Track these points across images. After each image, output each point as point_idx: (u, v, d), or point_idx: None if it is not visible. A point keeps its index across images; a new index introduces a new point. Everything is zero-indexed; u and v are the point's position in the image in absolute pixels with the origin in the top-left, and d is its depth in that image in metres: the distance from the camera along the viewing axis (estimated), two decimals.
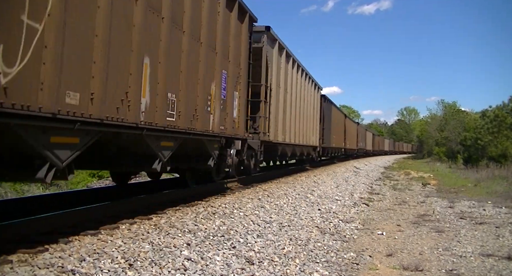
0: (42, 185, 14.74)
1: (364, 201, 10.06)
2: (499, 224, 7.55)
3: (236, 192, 8.67)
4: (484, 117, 29.16)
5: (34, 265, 3.19)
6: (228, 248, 4.42)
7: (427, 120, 60.37)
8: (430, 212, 8.94)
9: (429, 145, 51.32)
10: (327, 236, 5.93)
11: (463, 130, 34.33)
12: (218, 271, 3.69)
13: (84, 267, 3.24)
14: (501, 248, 5.80)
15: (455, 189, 14.25)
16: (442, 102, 55.51)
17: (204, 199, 7.31)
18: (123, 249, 3.78)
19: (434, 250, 5.61)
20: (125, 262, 3.46)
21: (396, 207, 9.64)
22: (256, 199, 7.74)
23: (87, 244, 3.88)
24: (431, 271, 4.68)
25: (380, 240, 6.19)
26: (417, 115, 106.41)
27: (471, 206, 9.85)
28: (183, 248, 4.09)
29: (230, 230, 5.14)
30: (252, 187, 9.77)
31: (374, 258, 5.13)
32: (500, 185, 14.05)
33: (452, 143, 36.81)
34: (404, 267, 4.72)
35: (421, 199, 11.20)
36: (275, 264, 4.18)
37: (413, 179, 18.77)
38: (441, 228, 7.12)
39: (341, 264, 4.71)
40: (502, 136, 25.84)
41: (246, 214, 6.24)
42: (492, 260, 5.16)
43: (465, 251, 5.58)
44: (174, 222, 5.14)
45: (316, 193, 9.99)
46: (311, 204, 8.30)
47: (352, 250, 5.41)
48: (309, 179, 13.31)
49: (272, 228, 5.73)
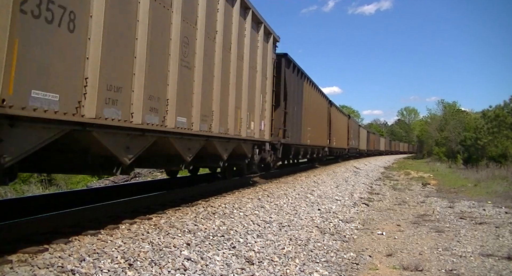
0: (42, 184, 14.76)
1: (364, 201, 10.06)
2: (499, 224, 7.56)
3: (236, 192, 8.68)
4: (484, 117, 29.16)
5: (34, 265, 3.19)
6: (228, 248, 4.42)
7: (427, 121, 60.36)
8: (430, 212, 8.94)
9: (429, 145, 51.33)
10: (327, 236, 5.93)
11: (463, 130, 34.35)
12: (218, 271, 3.69)
13: (84, 267, 3.24)
14: (501, 248, 5.80)
15: (455, 189, 14.25)
16: (442, 102, 55.57)
17: (204, 199, 7.31)
18: (123, 249, 3.78)
19: (434, 250, 5.61)
20: (125, 262, 3.46)
21: (396, 207, 9.64)
22: (256, 199, 7.74)
23: (87, 244, 3.88)
24: (431, 271, 4.68)
25: (380, 240, 6.20)
26: (417, 116, 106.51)
27: (471, 206, 9.85)
28: (183, 248, 4.09)
29: (230, 230, 5.14)
30: (252, 187, 9.79)
31: (374, 258, 5.13)
32: (500, 185, 14.05)
33: (452, 143, 36.83)
34: (404, 267, 4.72)
35: (421, 199, 11.19)
36: (275, 264, 4.18)
37: (413, 179, 18.77)
38: (441, 228, 7.12)
39: (341, 264, 4.71)
40: (502, 136, 25.85)
41: (246, 214, 6.24)
42: (492, 260, 5.16)
43: (465, 251, 5.58)
44: (174, 222, 5.14)
45: (316, 193, 9.99)
46: (311, 204, 8.30)
47: (352, 250, 5.41)
48: (309, 179, 13.31)
49: (272, 228, 5.73)
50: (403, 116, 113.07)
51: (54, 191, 12.28)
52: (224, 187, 8.94)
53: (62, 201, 6.20)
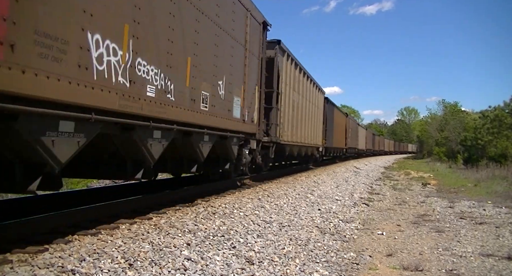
0: None
1: (364, 201, 10.05)
2: (499, 224, 7.55)
3: (236, 192, 8.68)
4: (484, 118, 29.14)
5: (34, 265, 3.19)
6: (228, 248, 4.42)
7: (427, 121, 60.32)
8: (430, 212, 8.93)
9: (429, 145, 51.31)
10: (327, 236, 5.92)
11: (463, 130, 34.33)
12: (218, 271, 3.69)
13: (84, 267, 3.23)
14: (501, 248, 5.80)
15: (455, 189, 14.25)
16: (443, 102, 55.50)
17: (204, 199, 7.31)
18: (123, 249, 3.77)
19: (434, 250, 5.61)
20: (125, 262, 3.46)
21: (396, 207, 9.64)
22: (256, 199, 7.73)
23: (87, 244, 3.88)
24: (431, 271, 4.68)
25: (380, 240, 6.19)
26: (417, 116, 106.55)
27: (471, 206, 9.84)
28: (183, 248, 4.09)
29: (230, 230, 5.14)
30: (252, 187, 9.78)
31: (374, 258, 5.13)
32: (500, 185, 14.04)
33: (452, 143, 36.82)
34: (404, 267, 4.72)
35: (421, 199, 11.19)
36: (275, 264, 4.18)
37: (413, 179, 18.76)
38: (441, 228, 7.12)
39: (341, 264, 4.71)
40: (502, 136, 25.84)
41: (246, 214, 6.23)
42: (492, 260, 5.16)
43: (465, 251, 5.58)
44: (174, 222, 5.14)
45: (316, 193, 9.98)
46: (311, 204, 8.30)
47: (352, 250, 5.40)
48: (309, 179, 13.31)
49: (272, 228, 5.73)
50: (403, 116, 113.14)
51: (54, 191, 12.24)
52: (223, 187, 8.93)
53: (62, 201, 6.20)
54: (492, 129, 26.50)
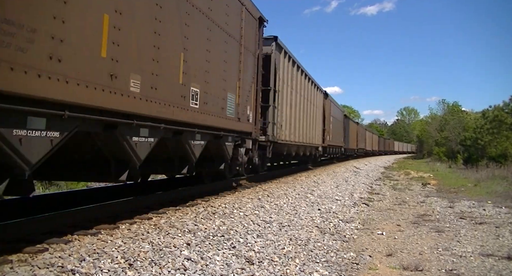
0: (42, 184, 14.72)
1: (364, 201, 10.05)
2: (499, 224, 7.55)
3: (236, 192, 8.68)
4: (484, 118, 29.14)
5: (34, 265, 3.19)
6: (228, 248, 4.42)
7: (427, 120, 60.35)
8: (430, 212, 8.93)
9: (429, 145, 51.31)
10: (327, 236, 5.92)
11: (463, 130, 34.34)
12: (218, 271, 3.69)
13: (84, 267, 3.23)
14: (501, 248, 5.80)
15: (455, 189, 14.25)
16: (443, 102, 55.51)
17: (204, 199, 7.31)
18: (123, 249, 3.77)
19: (434, 250, 5.61)
20: (125, 262, 3.46)
21: (396, 207, 9.64)
22: (256, 199, 7.73)
23: (87, 244, 3.88)
24: (431, 271, 4.68)
25: (380, 240, 6.19)
26: (417, 115, 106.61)
27: (471, 206, 9.84)
28: (183, 248, 4.09)
29: (230, 230, 5.13)
30: (252, 187, 9.77)
31: (374, 258, 5.13)
32: (500, 185, 14.04)
33: (452, 143, 36.83)
34: (404, 267, 4.72)
35: (421, 199, 11.19)
36: (275, 264, 4.18)
37: (413, 179, 18.76)
38: (441, 228, 7.12)
39: (341, 264, 4.71)
40: (502, 136, 25.84)
41: (246, 214, 6.23)
42: (492, 260, 5.16)
43: (465, 251, 5.58)
44: (174, 222, 5.14)
45: (316, 193, 9.98)
46: (311, 204, 8.30)
47: (352, 250, 5.40)
48: (309, 178, 13.31)
49: (272, 228, 5.73)
50: (403, 116, 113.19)
51: (54, 191, 12.26)
52: (222, 188, 8.93)
53: (62, 201, 6.20)
54: (492, 129, 26.50)
